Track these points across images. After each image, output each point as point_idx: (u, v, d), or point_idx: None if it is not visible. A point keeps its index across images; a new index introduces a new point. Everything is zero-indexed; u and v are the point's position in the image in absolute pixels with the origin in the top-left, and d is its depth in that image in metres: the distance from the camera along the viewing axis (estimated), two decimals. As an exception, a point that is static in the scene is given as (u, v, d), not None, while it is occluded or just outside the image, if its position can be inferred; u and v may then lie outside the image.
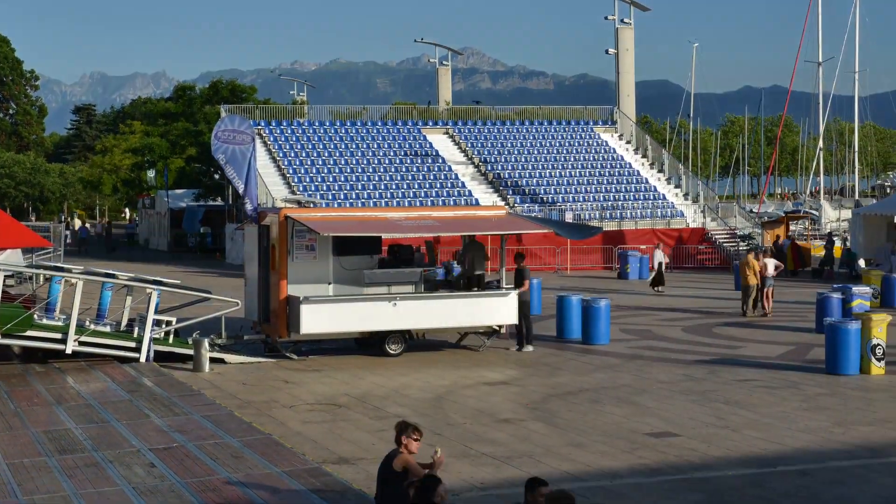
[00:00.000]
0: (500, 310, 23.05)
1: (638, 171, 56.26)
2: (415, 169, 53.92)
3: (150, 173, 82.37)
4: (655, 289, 37.09)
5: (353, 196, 50.75)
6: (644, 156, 58.45)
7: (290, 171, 52.29)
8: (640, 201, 53.32)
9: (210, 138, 25.66)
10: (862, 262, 42.82)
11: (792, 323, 28.65)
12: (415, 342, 23.62)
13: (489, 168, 54.98)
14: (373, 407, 17.44)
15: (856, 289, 28.31)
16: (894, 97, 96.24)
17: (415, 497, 9.87)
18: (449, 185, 52.79)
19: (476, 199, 50.79)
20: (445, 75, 73.23)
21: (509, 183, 53.80)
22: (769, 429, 15.92)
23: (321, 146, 55.21)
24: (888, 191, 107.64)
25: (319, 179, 51.99)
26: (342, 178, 52.39)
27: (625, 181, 55.16)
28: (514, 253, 25.88)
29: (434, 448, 10.99)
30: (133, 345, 21.23)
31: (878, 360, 20.61)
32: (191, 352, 21.24)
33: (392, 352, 22.56)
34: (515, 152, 56.83)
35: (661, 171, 57.27)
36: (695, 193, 55.67)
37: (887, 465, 13.82)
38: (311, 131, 56.65)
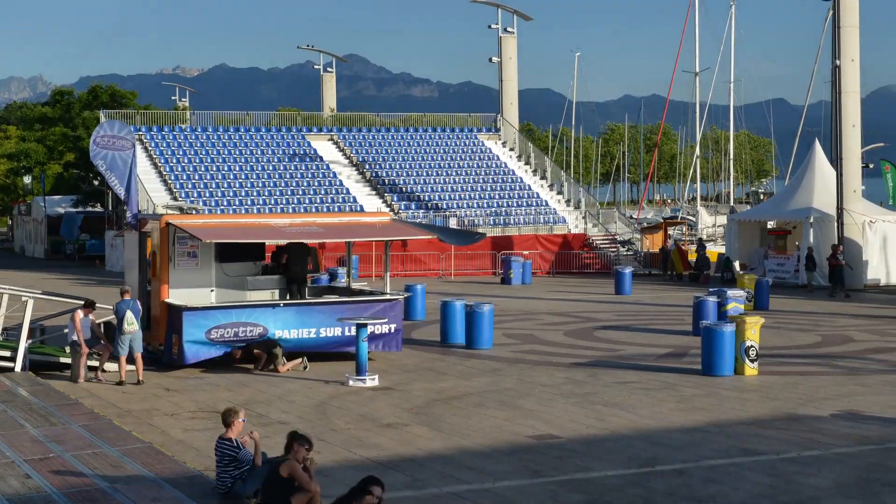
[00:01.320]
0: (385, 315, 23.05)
1: (521, 178, 56.89)
2: (299, 175, 53.65)
3: (27, 179, 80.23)
4: None
5: (237, 202, 50.26)
6: (527, 163, 59.13)
7: (172, 178, 51.55)
8: (524, 207, 53.90)
9: (89, 144, 25.09)
10: (737, 266, 44.03)
11: (670, 326, 29.30)
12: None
13: (374, 174, 55.00)
14: (256, 414, 17.30)
15: (730, 292, 29.06)
16: (768, 106, 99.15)
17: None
18: (334, 191, 52.64)
19: (361, 206, 50.76)
20: (330, 82, 73.04)
21: (394, 189, 53.90)
22: (648, 429, 16.28)
23: (204, 152, 54.55)
24: (762, 197, 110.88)
25: (202, 186, 51.36)
26: (225, 185, 51.84)
27: (508, 188, 55.72)
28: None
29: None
30: (7, 354, 20.68)
31: (752, 361, 21.22)
32: (68, 360, 20.78)
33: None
34: (400, 159, 56.96)
35: (543, 177, 58.00)
36: (576, 200, 56.51)
37: (760, 463, 14.24)
38: (193, 137, 55.93)
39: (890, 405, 18.16)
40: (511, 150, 59.95)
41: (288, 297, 23.30)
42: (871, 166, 54.56)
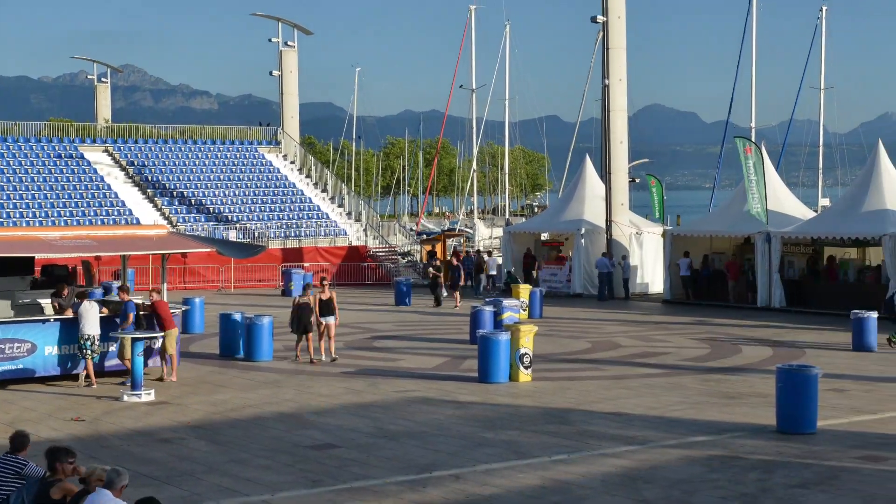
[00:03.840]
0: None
1: (302, 191, 56.81)
2: (72, 188, 51.91)
3: None
4: None
5: (4, 215, 48.17)
6: (308, 176, 59.08)
7: (-68, 189, 48.97)
8: (305, 220, 53.82)
9: None
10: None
11: (448, 335, 29.85)
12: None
13: (151, 187, 53.80)
14: (24, 433, 16.67)
15: (506, 302, 29.91)
16: (542, 123, 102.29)
17: None
18: (108, 203, 51.17)
19: (137, 219, 49.53)
20: (104, 92, 71.01)
21: (173, 202, 52.88)
22: (425, 436, 16.58)
23: (-33, 163, 52.05)
24: (536, 210, 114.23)
25: (-35, 198, 49.00)
26: (-9, 197, 49.61)
27: (289, 200, 55.53)
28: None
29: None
30: None
31: (526, 367, 21.90)
32: None
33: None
34: (178, 171, 55.92)
35: (324, 190, 58.07)
36: (357, 212, 56.83)
37: (532, 466, 14.73)
38: (-45, 147, 53.28)
39: (652, 406, 19.12)
40: (292, 163, 59.76)
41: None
42: (637, 181, 57.06)
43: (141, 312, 21.89)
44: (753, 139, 43.23)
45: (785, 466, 14.61)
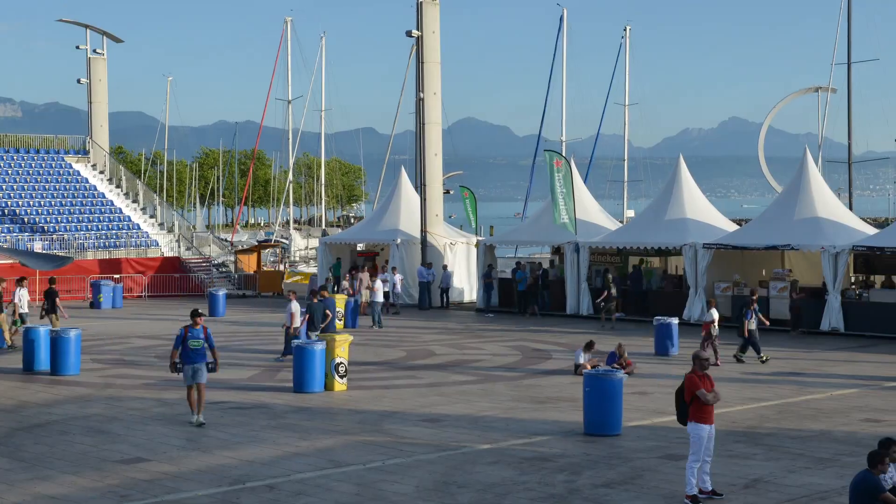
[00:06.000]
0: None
1: (112, 202, 55.33)
2: None
3: None
4: None
5: None
6: (118, 186, 57.57)
7: None
8: (115, 231, 52.45)
9: None
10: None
11: (264, 346, 29.60)
12: None
13: (-51, 196, 51.47)
14: None
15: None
16: (358, 135, 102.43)
17: None
18: None
19: (-66, 230, 47.35)
20: None
21: (-28, 212, 50.74)
22: (240, 448, 16.44)
23: None
24: (352, 221, 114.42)
25: None
26: None
27: (99, 211, 54.00)
28: None
29: None
30: None
31: (341, 377, 21.96)
32: None
33: None
34: (-22, 180, 53.67)
35: (135, 201, 56.71)
36: (170, 223, 55.73)
37: (347, 474, 14.78)
38: None
39: (465, 413, 19.44)
40: (101, 172, 58.11)
41: None
42: (451, 192, 57.78)
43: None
44: (563, 153, 44.46)
45: (592, 467, 15.11)
